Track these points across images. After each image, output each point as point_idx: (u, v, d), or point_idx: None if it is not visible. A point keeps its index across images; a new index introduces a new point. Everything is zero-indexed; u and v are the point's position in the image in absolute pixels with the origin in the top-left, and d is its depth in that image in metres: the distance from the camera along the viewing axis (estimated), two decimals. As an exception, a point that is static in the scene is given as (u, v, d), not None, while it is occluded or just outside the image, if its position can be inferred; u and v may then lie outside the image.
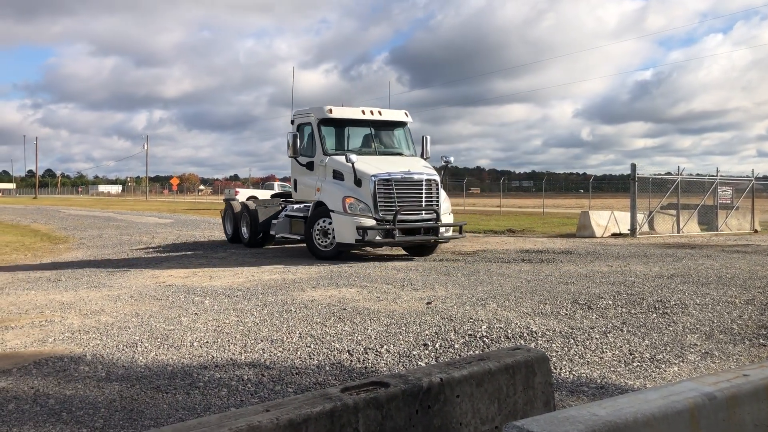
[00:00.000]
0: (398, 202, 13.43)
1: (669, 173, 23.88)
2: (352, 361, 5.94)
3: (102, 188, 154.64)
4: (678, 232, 22.00)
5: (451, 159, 15.69)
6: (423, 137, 15.79)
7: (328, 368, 5.72)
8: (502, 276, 11.04)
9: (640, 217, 20.98)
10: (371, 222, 13.24)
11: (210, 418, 2.43)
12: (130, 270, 12.64)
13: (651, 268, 12.06)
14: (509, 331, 6.91)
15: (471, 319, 7.49)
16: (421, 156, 15.49)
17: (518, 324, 7.23)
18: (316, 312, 7.99)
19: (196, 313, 7.99)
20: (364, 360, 5.96)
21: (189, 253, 16.04)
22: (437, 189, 13.84)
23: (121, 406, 4.74)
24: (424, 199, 13.66)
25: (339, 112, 14.83)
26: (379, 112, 15.20)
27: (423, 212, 13.66)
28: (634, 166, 21.20)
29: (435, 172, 14.16)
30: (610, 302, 8.48)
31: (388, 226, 13.22)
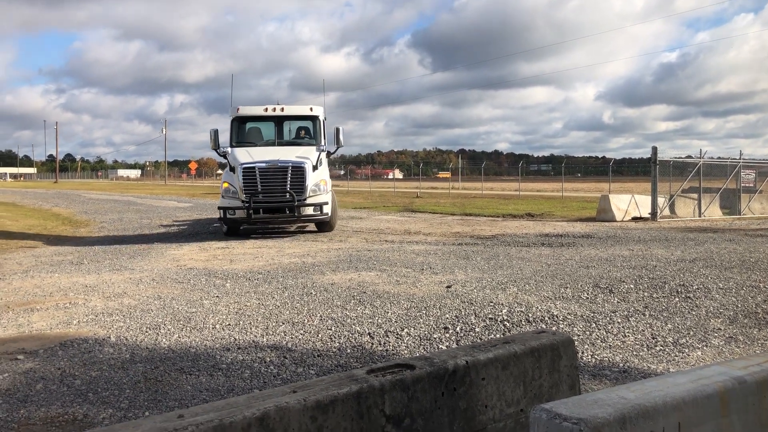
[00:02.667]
0: (261, 186, 15.07)
1: (690, 156, 23.57)
2: (373, 344, 5.95)
3: (121, 172, 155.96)
4: (699, 216, 21.76)
5: (331, 149, 17.00)
6: (335, 128, 17.07)
7: (349, 351, 5.74)
8: (522, 260, 10.99)
9: (661, 200, 20.77)
10: (236, 203, 15.17)
11: (238, 399, 2.44)
12: (151, 253, 12.75)
13: (672, 252, 11.95)
14: (530, 315, 6.89)
15: (491, 302, 7.47)
16: (336, 144, 16.97)
17: (539, 308, 7.20)
18: (336, 295, 8.02)
19: (217, 296, 8.05)
20: (384, 343, 5.97)
21: (208, 236, 16.14)
22: (302, 174, 15.21)
23: (146, 387, 4.79)
24: (289, 184, 15.11)
25: (245, 111, 17.02)
26: (282, 109, 17.03)
27: (287, 194, 15.16)
28: (655, 149, 20.96)
29: (305, 161, 15.39)
30: (632, 286, 8.42)
31: (247, 206, 14.98)
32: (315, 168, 15.55)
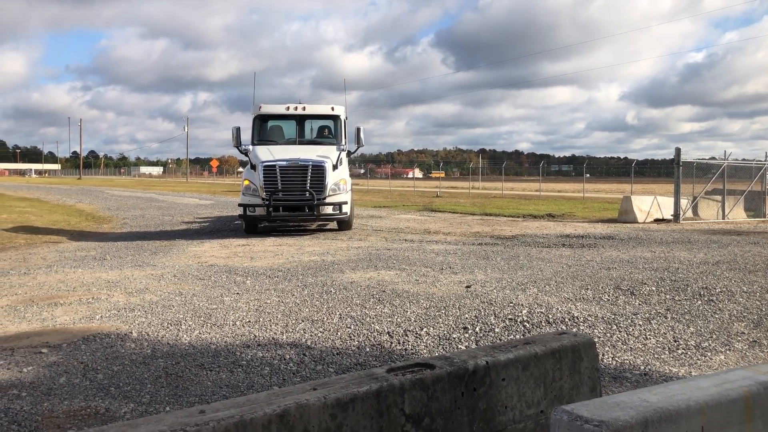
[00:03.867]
0: (282, 184, 15.16)
1: (714, 158, 23.28)
2: (392, 342, 5.96)
3: (143, 169, 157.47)
4: (723, 218, 21.48)
5: (352, 148, 17.10)
6: (356, 128, 17.08)
7: (368, 349, 5.75)
8: (542, 261, 10.93)
9: (683, 202, 20.53)
10: (257, 200, 15.27)
11: (258, 396, 2.46)
12: (172, 250, 12.86)
13: (695, 254, 11.81)
14: (550, 316, 6.85)
15: (511, 303, 7.44)
16: (357, 144, 17.04)
17: (559, 309, 7.16)
18: (355, 294, 8.03)
19: (237, 293, 8.10)
20: (404, 342, 5.97)
21: (229, 234, 16.25)
22: (322, 174, 15.28)
23: (167, 383, 4.84)
24: (309, 182, 15.17)
25: (268, 109, 17.12)
26: (303, 108, 17.11)
27: (306, 193, 15.22)
28: (678, 151, 20.72)
29: (325, 160, 15.47)
30: (654, 288, 8.34)
31: (267, 204, 15.09)
32: (335, 167, 15.61)
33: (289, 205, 15.29)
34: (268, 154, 15.62)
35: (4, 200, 31.48)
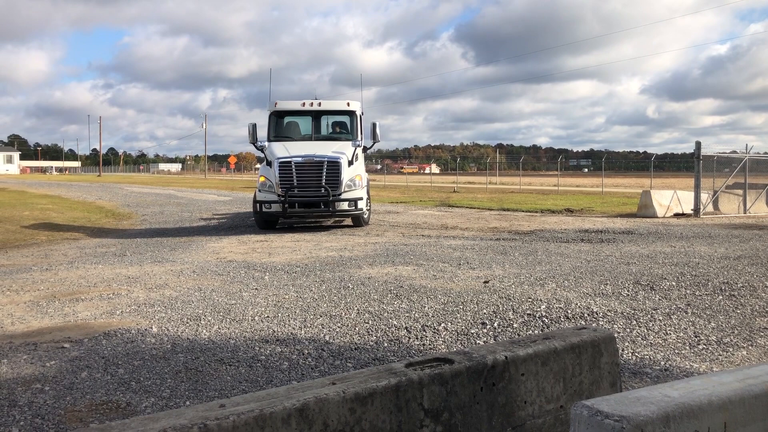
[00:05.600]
0: (297, 180, 15.18)
1: (735, 152, 22.99)
2: (410, 338, 5.96)
3: (162, 166, 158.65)
4: (744, 213, 21.22)
5: (367, 144, 17.05)
6: (372, 123, 16.99)
7: (386, 344, 5.75)
8: (561, 256, 10.87)
9: (704, 196, 20.31)
10: (272, 197, 15.28)
11: (278, 390, 2.47)
12: (191, 246, 12.95)
13: (716, 249, 11.69)
14: (569, 311, 6.81)
15: (530, 298, 7.41)
16: (372, 140, 16.95)
17: (578, 304, 7.12)
18: (373, 289, 8.04)
19: (256, 289, 8.15)
20: (422, 337, 5.97)
21: (247, 230, 16.33)
22: (337, 170, 15.28)
23: (187, 377, 4.88)
24: (324, 178, 15.19)
25: (283, 105, 17.13)
26: (319, 104, 17.16)
27: (322, 189, 15.21)
28: (698, 144, 20.49)
29: (341, 156, 15.46)
30: (674, 283, 8.26)
31: (282, 200, 15.10)
32: (350, 163, 15.58)
33: (304, 202, 15.32)
34: (283, 150, 15.63)
35: (26, 197, 31.88)
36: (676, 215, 20.04)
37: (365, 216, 16.49)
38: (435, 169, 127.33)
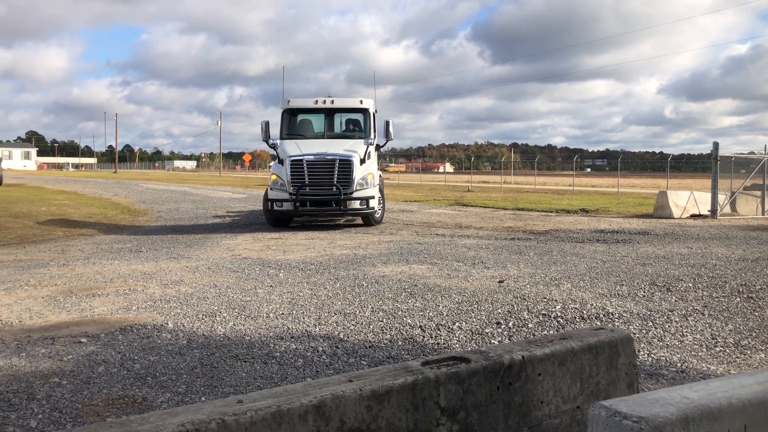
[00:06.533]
0: (309, 179, 15.11)
1: (753, 153, 22.77)
2: (424, 336, 5.95)
3: (177, 163, 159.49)
4: (762, 214, 21.00)
5: (380, 142, 16.93)
6: (385, 121, 16.91)
7: (400, 343, 5.75)
8: (576, 256, 10.82)
9: (721, 197, 20.12)
10: (284, 195, 15.21)
11: (295, 386, 2.48)
12: (206, 242, 13.02)
13: (734, 250, 11.58)
14: (584, 312, 6.78)
15: (545, 298, 7.38)
16: (385, 138, 16.82)
17: (594, 305, 7.08)
18: (387, 287, 8.04)
19: (271, 286, 8.17)
20: (436, 336, 5.96)
21: (262, 227, 16.38)
22: (349, 168, 15.18)
23: (202, 373, 4.90)
24: (336, 177, 15.09)
25: (296, 103, 17.10)
26: (332, 101, 16.95)
27: (333, 188, 15.11)
28: (716, 145, 20.31)
29: (353, 154, 15.35)
30: (690, 285, 8.20)
31: (294, 199, 15.05)
32: (363, 161, 15.49)
33: (316, 200, 15.29)
34: (295, 148, 15.58)
35: (43, 193, 32.18)
36: (693, 216, 19.88)
37: (377, 215, 16.39)
38: (449, 168, 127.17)
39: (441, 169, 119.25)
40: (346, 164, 15.20)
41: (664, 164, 48.67)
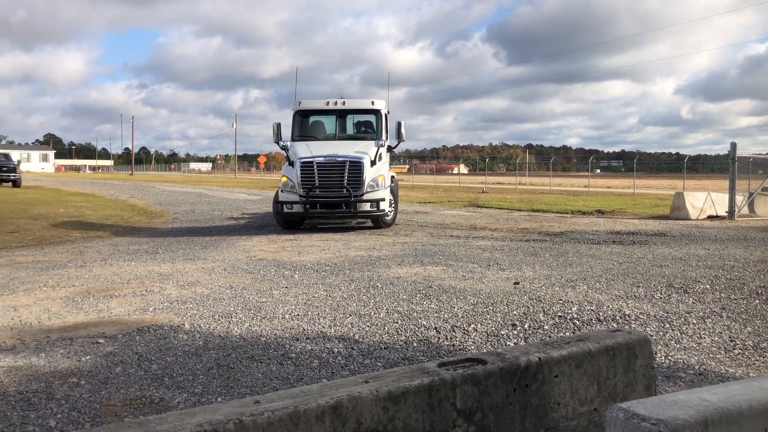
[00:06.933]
0: (319, 181, 14.98)
1: (771, 153, 22.51)
2: (439, 338, 5.95)
3: (193, 165, 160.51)
4: (781, 216, 20.76)
5: (392, 143, 16.80)
6: (397, 123, 16.72)
7: (415, 344, 5.75)
8: (592, 257, 10.76)
9: (739, 198, 19.93)
10: (294, 197, 15.10)
11: (311, 387, 2.49)
12: (222, 244, 13.09)
13: (752, 252, 11.46)
14: (601, 314, 6.74)
15: (560, 300, 7.35)
16: (397, 139, 16.64)
17: (610, 306, 7.04)
18: (401, 289, 8.04)
19: (286, 287, 8.20)
20: (451, 338, 5.95)
21: (277, 228, 16.44)
22: (359, 170, 15.05)
23: (219, 374, 4.93)
24: (346, 179, 14.96)
25: (307, 104, 17.02)
26: (343, 103, 16.91)
27: (344, 190, 14.99)
28: (734, 145, 20.12)
29: (363, 156, 15.20)
30: (708, 287, 8.12)
31: (303, 201, 14.94)
32: (373, 163, 15.34)
33: (326, 202, 15.15)
34: (306, 150, 15.46)
35: (61, 195, 32.50)
36: (710, 217, 19.71)
37: (388, 217, 16.15)
38: (463, 169, 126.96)
39: (455, 171, 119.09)
40: (356, 166, 15.08)
41: (680, 165, 48.31)
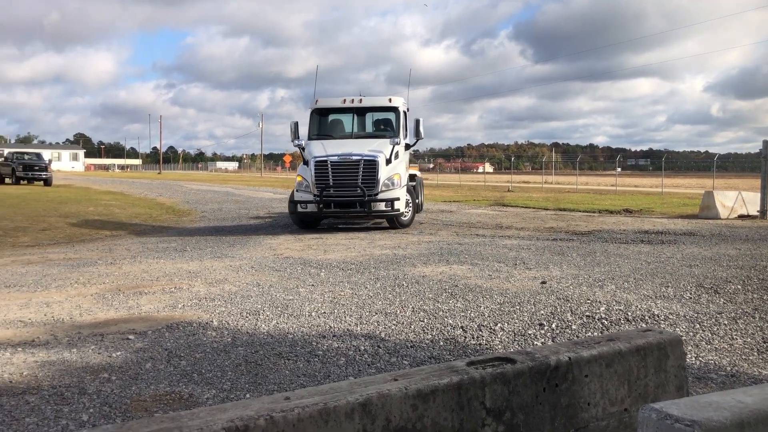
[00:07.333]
0: (333, 180, 14.78)
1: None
2: (465, 337, 5.93)
3: (219, 164, 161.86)
4: (815, 215, 20.33)
5: (410, 141, 16.57)
6: (415, 120, 16.52)
7: (442, 343, 5.74)
8: (620, 257, 10.64)
9: (771, 198, 19.56)
10: (308, 197, 14.95)
11: (340, 384, 2.50)
12: (249, 242, 13.19)
13: (785, 252, 11.24)
14: (629, 314, 6.67)
15: (588, 300, 7.28)
16: (415, 137, 16.46)
17: (639, 306, 6.96)
18: (427, 287, 8.03)
19: (312, 285, 8.24)
20: (478, 337, 5.93)
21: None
22: (374, 169, 14.82)
23: (247, 370, 4.97)
24: (360, 178, 14.74)
25: (324, 102, 16.80)
26: (360, 100, 16.62)
27: (358, 189, 14.76)
28: (766, 143, 19.74)
29: (378, 154, 14.96)
30: (740, 287, 7.99)
31: (317, 201, 14.81)
32: (389, 162, 15.05)
33: (340, 202, 14.91)
34: (321, 149, 15.27)
35: (91, 194, 33.00)
36: (741, 217, 19.38)
37: (404, 217, 15.77)
38: (488, 168, 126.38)
39: (480, 169, 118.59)
40: (370, 165, 14.83)
41: (709, 164, 47.58)
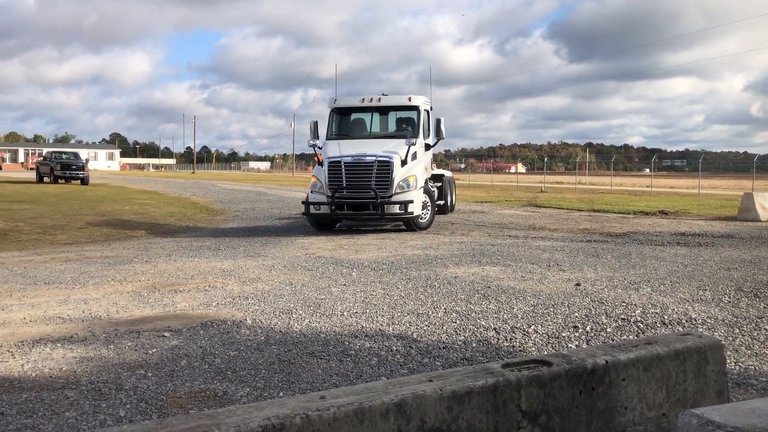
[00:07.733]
0: (347, 181, 14.47)
1: None
2: (498, 339, 5.89)
3: (252, 164, 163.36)
4: None
5: (431, 141, 16.28)
6: (436, 120, 16.21)
7: (474, 345, 5.71)
8: (656, 259, 10.47)
9: (813, 200, 19.07)
10: (322, 198, 14.67)
11: (375, 384, 2.50)
12: (281, 241, 13.28)
13: (827, 256, 10.95)
14: (665, 317, 6.56)
15: (623, 302, 7.18)
16: (436, 137, 16.13)
17: (675, 310, 6.84)
18: (459, 288, 8.00)
19: (344, 284, 8.27)
20: (511, 339, 5.89)
21: (335, 227, 16.57)
22: (388, 170, 14.45)
23: (280, 369, 5.00)
24: (374, 179, 14.39)
25: (343, 102, 16.48)
26: (379, 99, 16.21)
27: (371, 191, 14.39)
28: (808, 144, 19.27)
29: (392, 155, 14.59)
30: (781, 291, 7.80)
31: (330, 202, 14.48)
32: (404, 163, 14.59)
33: (353, 203, 14.54)
34: (335, 149, 14.99)
35: (126, 193, 33.56)
36: (781, 219, 18.91)
37: (422, 220, 15.19)
38: (521, 168, 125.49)
39: (512, 170, 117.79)
40: (384, 166, 14.41)
41: (749, 165, 46.57)
